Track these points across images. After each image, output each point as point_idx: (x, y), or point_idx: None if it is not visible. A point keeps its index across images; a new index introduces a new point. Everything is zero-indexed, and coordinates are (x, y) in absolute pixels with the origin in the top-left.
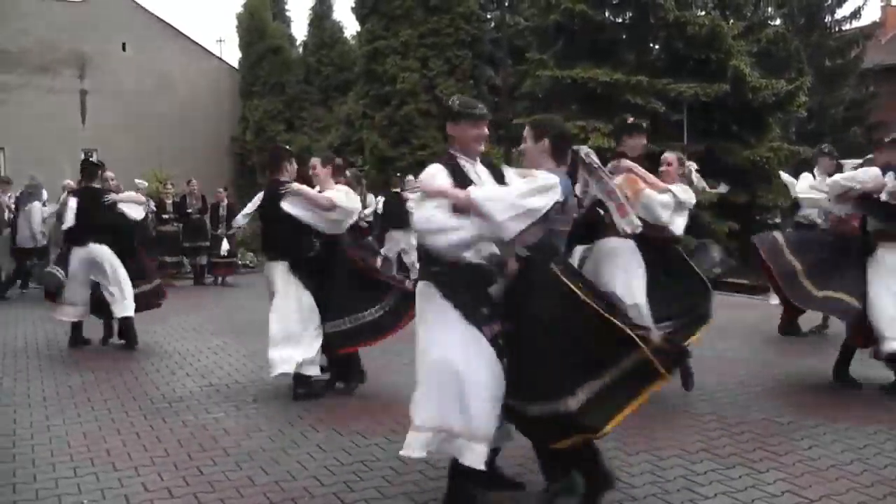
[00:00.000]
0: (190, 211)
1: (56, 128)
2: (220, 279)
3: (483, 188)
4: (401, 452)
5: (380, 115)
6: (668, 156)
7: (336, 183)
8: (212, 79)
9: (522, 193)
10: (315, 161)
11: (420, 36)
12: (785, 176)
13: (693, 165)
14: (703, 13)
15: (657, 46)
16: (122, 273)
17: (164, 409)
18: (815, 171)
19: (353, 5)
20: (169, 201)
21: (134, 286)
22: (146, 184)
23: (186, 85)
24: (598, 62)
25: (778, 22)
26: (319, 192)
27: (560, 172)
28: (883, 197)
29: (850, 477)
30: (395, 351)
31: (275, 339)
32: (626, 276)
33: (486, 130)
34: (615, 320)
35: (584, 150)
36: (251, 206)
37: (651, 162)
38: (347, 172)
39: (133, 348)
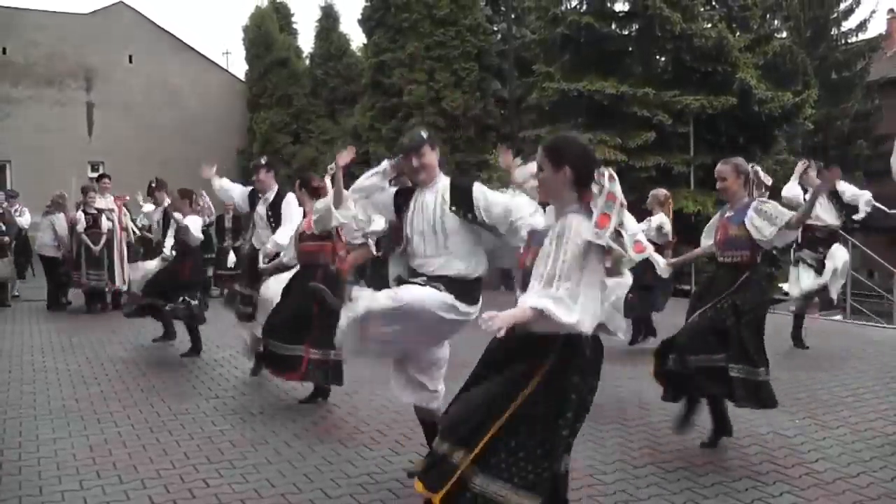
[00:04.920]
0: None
1: (63, 140)
2: (226, 291)
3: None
4: None
5: (386, 128)
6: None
7: None
8: (218, 91)
9: None
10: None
11: (427, 48)
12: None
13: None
14: (710, 25)
15: (664, 59)
16: None
17: (171, 421)
18: None
19: (360, 17)
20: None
21: None
22: (151, 206)
23: (193, 97)
24: (604, 74)
25: (784, 34)
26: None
27: (584, 212)
28: None
29: (856, 489)
30: None
31: None
32: None
33: (414, 161)
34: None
35: (606, 172)
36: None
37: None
38: None
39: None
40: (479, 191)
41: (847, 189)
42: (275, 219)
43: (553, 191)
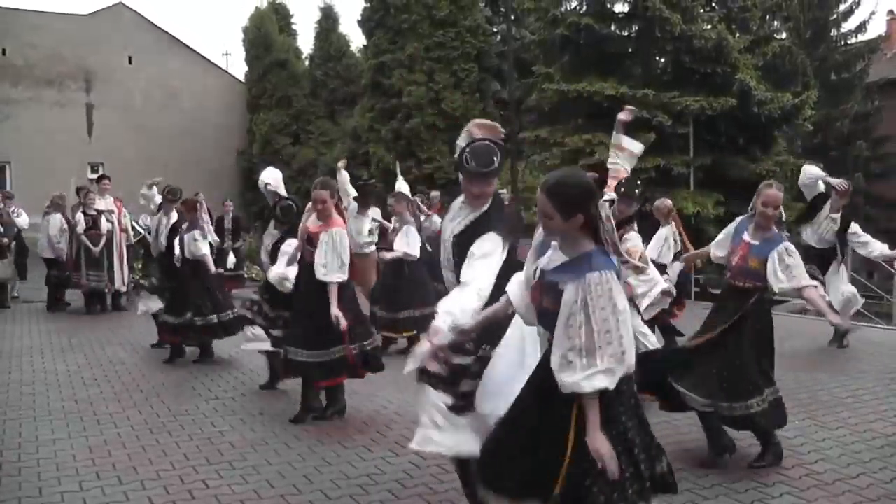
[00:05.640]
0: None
1: (62, 141)
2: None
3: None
4: None
5: (386, 129)
6: None
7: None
8: (218, 92)
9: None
10: (324, 194)
11: (426, 49)
12: None
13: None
14: (710, 27)
15: (663, 60)
16: None
17: (170, 422)
18: None
19: (360, 19)
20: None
21: None
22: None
23: (193, 98)
24: (604, 75)
25: (784, 36)
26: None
27: (599, 262)
28: None
29: (856, 490)
30: (398, 366)
31: None
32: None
33: (475, 189)
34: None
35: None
36: None
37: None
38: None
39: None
40: (482, 241)
41: (859, 239)
42: (273, 257)
43: (563, 237)
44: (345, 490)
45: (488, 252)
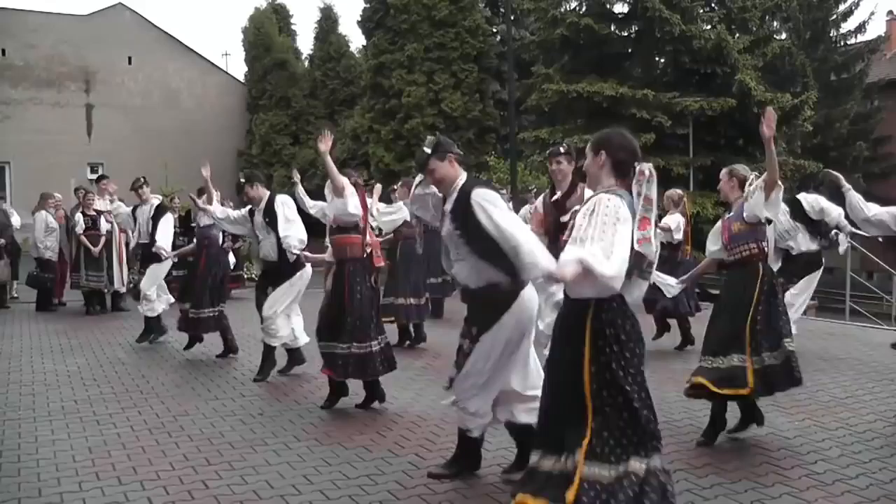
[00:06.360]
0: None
1: (62, 142)
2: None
3: None
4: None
5: (386, 129)
6: None
7: None
8: (218, 93)
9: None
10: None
11: (426, 50)
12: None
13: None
14: (709, 27)
15: (663, 60)
16: None
17: (170, 423)
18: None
19: (360, 19)
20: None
21: None
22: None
23: (192, 99)
24: (603, 76)
25: (784, 36)
26: None
27: (624, 193)
28: None
29: (856, 491)
30: (399, 366)
31: None
32: None
33: (428, 179)
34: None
35: (646, 167)
36: None
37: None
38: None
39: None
40: (481, 205)
41: (816, 204)
42: (271, 222)
43: (593, 176)
44: (344, 490)
45: (501, 207)
